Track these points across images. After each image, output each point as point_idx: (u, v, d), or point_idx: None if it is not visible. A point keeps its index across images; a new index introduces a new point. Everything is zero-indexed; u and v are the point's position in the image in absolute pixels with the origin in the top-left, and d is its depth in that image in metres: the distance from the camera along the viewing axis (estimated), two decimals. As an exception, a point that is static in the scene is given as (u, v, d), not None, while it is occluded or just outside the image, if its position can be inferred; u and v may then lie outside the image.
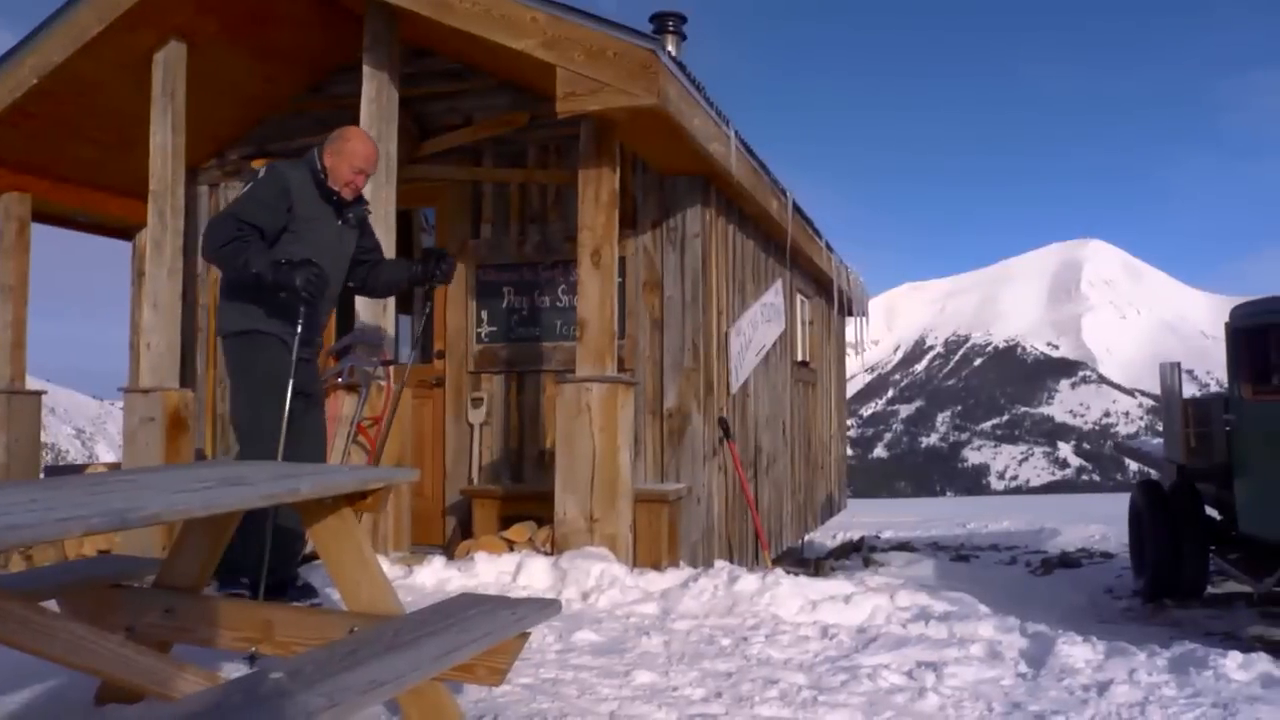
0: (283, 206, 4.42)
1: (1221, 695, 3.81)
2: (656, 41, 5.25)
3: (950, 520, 16.29)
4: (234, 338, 4.57)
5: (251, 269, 4.21)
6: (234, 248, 4.25)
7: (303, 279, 4.20)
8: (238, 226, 4.29)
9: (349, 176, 4.59)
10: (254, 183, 4.47)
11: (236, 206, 4.41)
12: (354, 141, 4.64)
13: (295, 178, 4.50)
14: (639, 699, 3.66)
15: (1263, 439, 7.06)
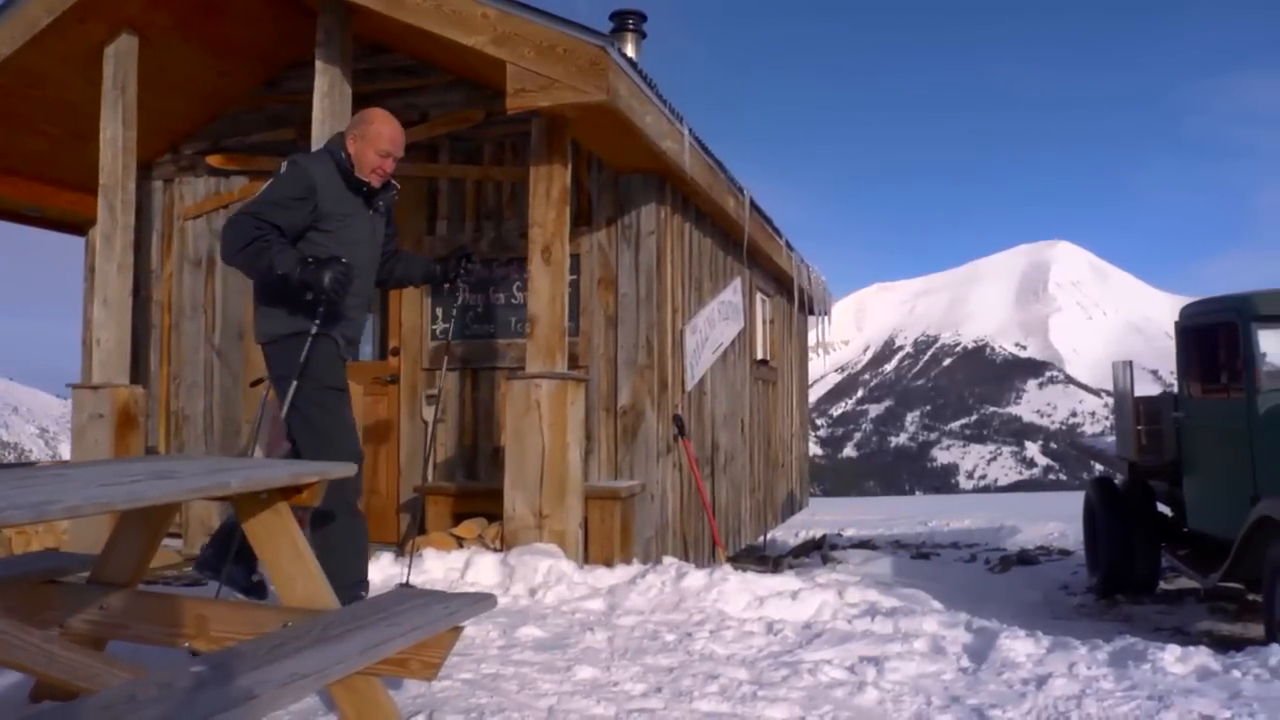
0: (306, 207, 4.15)
1: (1158, 687, 3.86)
2: (606, 38, 5.25)
3: (912, 518, 16.39)
4: (281, 342, 4.28)
5: (276, 270, 3.97)
6: (255, 249, 4.00)
7: (331, 277, 3.97)
8: (256, 226, 4.02)
9: (376, 162, 4.33)
10: (274, 180, 4.19)
11: (255, 205, 4.12)
12: (377, 124, 4.37)
13: (319, 172, 4.22)
14: (578, 694, 3.67)
15: (1210, 436, 7.14)
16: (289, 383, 4.26)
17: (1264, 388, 6.50)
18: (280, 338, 4.27)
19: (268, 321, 4.31)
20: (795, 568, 9.95)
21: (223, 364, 7.88)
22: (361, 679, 2.98)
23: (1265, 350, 6.66)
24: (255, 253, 4.00)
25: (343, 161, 4.29)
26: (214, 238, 7.97)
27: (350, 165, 4.29)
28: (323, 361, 4.24)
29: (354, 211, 4.33)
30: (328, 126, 6.17)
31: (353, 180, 4.30)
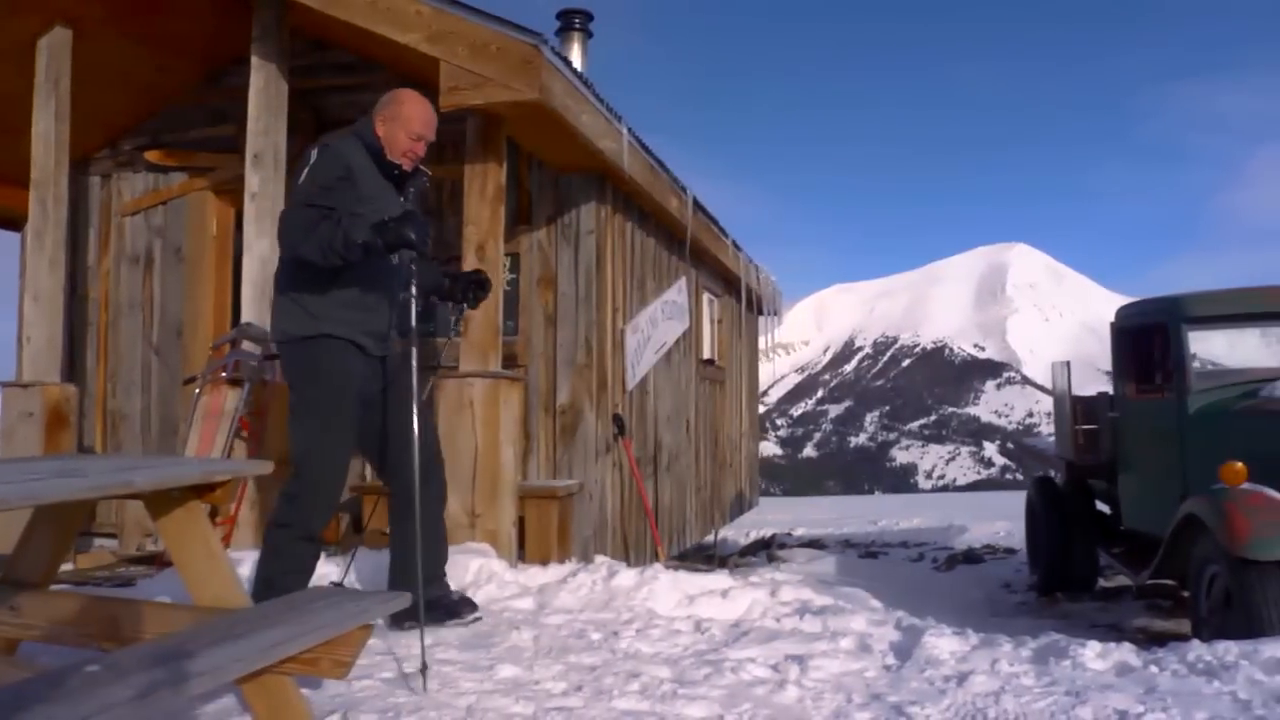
0: (346, 189, 3.97)
1: (1076, 683, 3.90)
2: (539, 37, 5.25)
3: (862, 518, 16.49)
4: (294, 344, 4.10)
5: (358, 239, 3.74)
6: (326, 231, 3.78)
7: (416, 231, 3.79)
8: (316, 211, 3.84)
9: (408, 145, 4.14)
10: (308, 169, 3.97)
11: (302, 194, 3.93)
12: (409, 104, 4.18)
13: (352, 156, 4.04)
14: (498, 692, 3.66)
15: (1143, 436, 7.23)
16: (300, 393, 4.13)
17: (1193, 388, 6.59)
18: (294, 339, 4.09)
19: (286, 319, 4.12)
20: (741, 567, 9.97)
21: (161, 363, 7.80)
22: (273, 678, 2.96)
23: (1195, 351, 6.76)
24: (327, 234, 3.77)
25: (372, 144, 4.12)
26: (152, 234, 7.90)
27: (380, 148, 4.13)
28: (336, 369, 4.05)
29: (384, 195, 4.15)
30: (263, 123, 6.14)
31: (384, 163, 4.14)
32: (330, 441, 4.11)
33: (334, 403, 4.08)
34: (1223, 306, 6.86)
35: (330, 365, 4.05)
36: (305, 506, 4.09)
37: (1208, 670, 4.04)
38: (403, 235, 3.78)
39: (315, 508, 4.12)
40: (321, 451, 4.10)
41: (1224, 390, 6.58)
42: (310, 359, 4.06)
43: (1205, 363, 6.88)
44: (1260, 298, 6.83)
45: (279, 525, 4.11)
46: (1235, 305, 6.87)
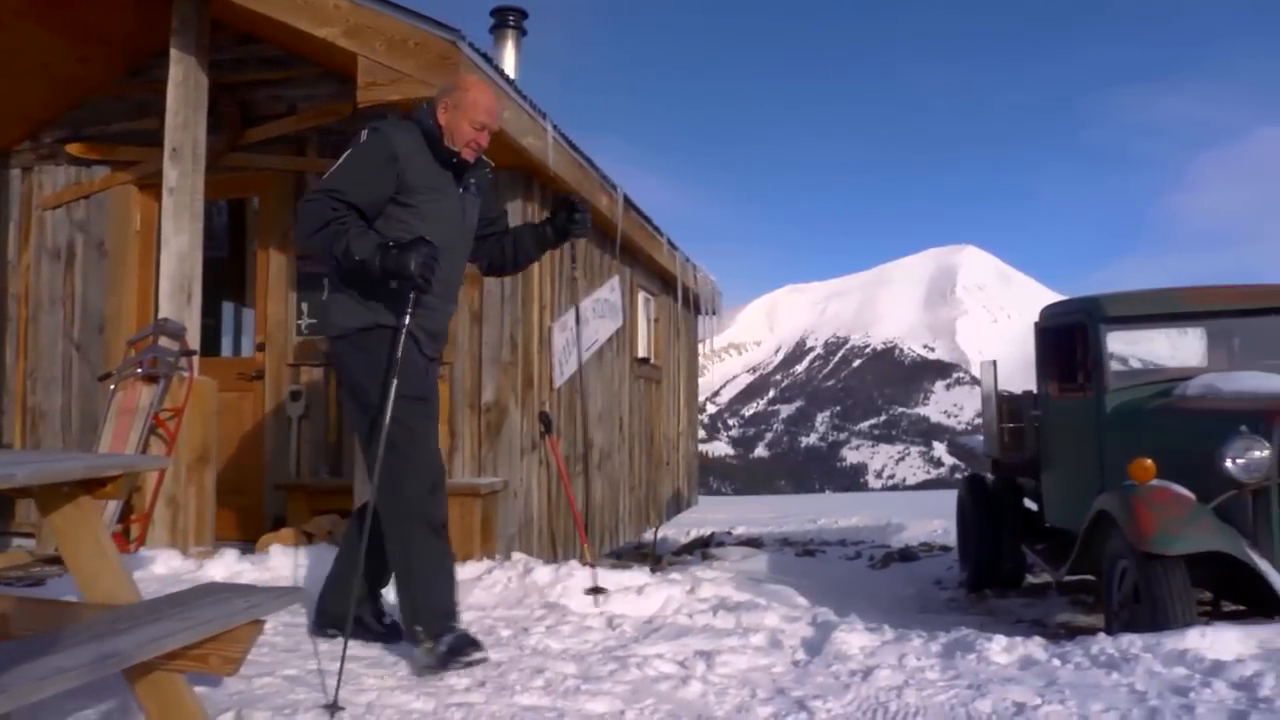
0: (388, 178, 3.77)
1: (980, 677, 3.95)
2: (457, 33, 5.24)
3: (802, 516, 16.59)
4: (352, 337, 3.89)
5: (355, 255, 3.57)
6: (332, 232, 3.62)
7: (418, 263, 3.55)
8: (332, 207, 3.66)
9: (471, 134, 3.92)
10: (352, 149, 3.80)
11: (331, 180, 3.74)
12: (473, 91, 3.96)
13: (404, 140, 3.83)
14: (400, 689, 3.65)
15: (1064, 434, 7.34)
16: (361, 388, 3.88)
17: (1111, 387, 6.70)
18: (351, 331, 3.88)
19: (340, 312, 3.92)
20: (675, 565, 10.00)
21: (82, 359, 7.68)
22: (164, 676, 2.94)
23: (1114, 351, 6.87)
24: (332, 235, 3.63)
25: (432, 131, 3.91)
26: (74, 228, 7.78)
27: (440, 136, 3.91)
28: (403, 364, 3.78)
29: (442, 187, 3.93)
30: (182, 117, 6.07)
31: (442, 152, 3.92)
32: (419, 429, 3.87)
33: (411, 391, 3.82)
34: (1139, 307, 6.98)
35: (390, 354, 3.79)
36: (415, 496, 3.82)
37: (1109, 663, 4.12)
38: (402, 265, 3.55)
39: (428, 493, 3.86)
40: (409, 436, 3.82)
41: (1140, 389, 6.69)
42: (371, 350, 3.84)
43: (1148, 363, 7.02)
44: (1175, 298, 6.96)
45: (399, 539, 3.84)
46: (1151, 306, 7.00)
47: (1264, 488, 5.18)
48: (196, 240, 6.05)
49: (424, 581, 3.82)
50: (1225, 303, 6.86)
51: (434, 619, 3.80)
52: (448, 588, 3.91)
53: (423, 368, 3.97)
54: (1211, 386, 6.18)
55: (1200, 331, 7.41)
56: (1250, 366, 6.62)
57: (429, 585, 3.84)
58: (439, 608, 3.84)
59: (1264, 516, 5.20)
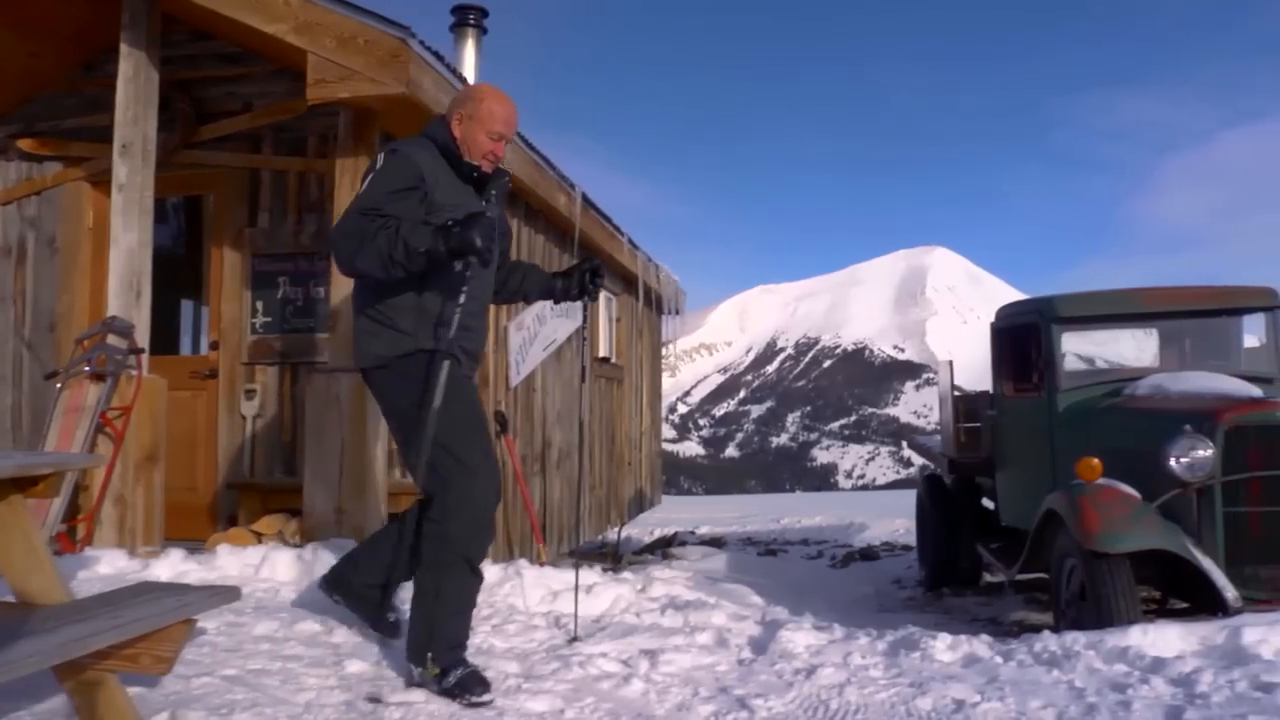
0: (415, 199, 3.60)
1: (922, 675, 3.98)
2: (407, 30, 5.22)
3: (766, 516, 16.66)
4: (393, 365, 3.71)
5: (418, 249, 3.38)
6: (384, 239, 3.41)
7: (483, 235, 3.39)
8: (371, 219, 3.48)
9: (488, 145, 3.79)
10: (373, 176, 3.62)
11: (361, 201, 3.56)
12: (489, 101, 3.81)
13: (425, 161, 3.68)
14: (340, 688, 3.64)
15: (1018, 433, 7.40)
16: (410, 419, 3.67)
17: (1063, 386, 6.76)
18: (391, 360, 3.70)
19: (376, 341, 3.74)
20: (635, 564, 10.03)
21: (33, 357, 7.59)
22: (96, 675, 2.92)
23: (1066, 351, 6.94)
24: (386, 243, 3.40)
25: (448, 145, 3.77)
26: (25, 225, 7.69)
27: (456, 150, 3.78)
28: (449, 385, 3.62)
29: (465, 203, 3.75)
30: (132, 112, 6.01)
31: (462, 166, 3.78)
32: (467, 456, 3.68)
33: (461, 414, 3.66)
34: (1091, 308, 7.05)
35: (441, 378, 3.63)
36: (459, 537, 3.66)
37: (1051, 660, 4.16)
38: (467, 240, 3.38)
39: (471, 535, 3.70)
40: (460, 469, 3.66)
41: (1092, 389, 6.76)
42: (415, 375, 3.66)
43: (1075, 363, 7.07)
44: (1127, 299, 7.03)
45: (434, 565, 3.71)
46: (1103, 307, 7.07)
47: (1208, 486, 5.25)
48: (146, 237, 6.00)
49: (449, 615, 3.70)
50: (1175, 304, 6.93)
51: (449, 650, 3.67)
52: (467, 621, 3.81)
53: (472, 390, 3.85)
54: (1160, 387, 6.26)
55: (1153, 332, 7.49)
56: (1200, 366, 6.70)
57: (452, 619, 3.72)
58: (457, 640, 3.73)
59: (1208, 515, 5.27)
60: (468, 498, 3.65)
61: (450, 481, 3.63)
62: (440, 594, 3.68)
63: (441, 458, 3.61)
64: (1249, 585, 5.13)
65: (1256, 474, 5.22)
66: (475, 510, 3.68)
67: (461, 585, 3.72)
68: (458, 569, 3.69)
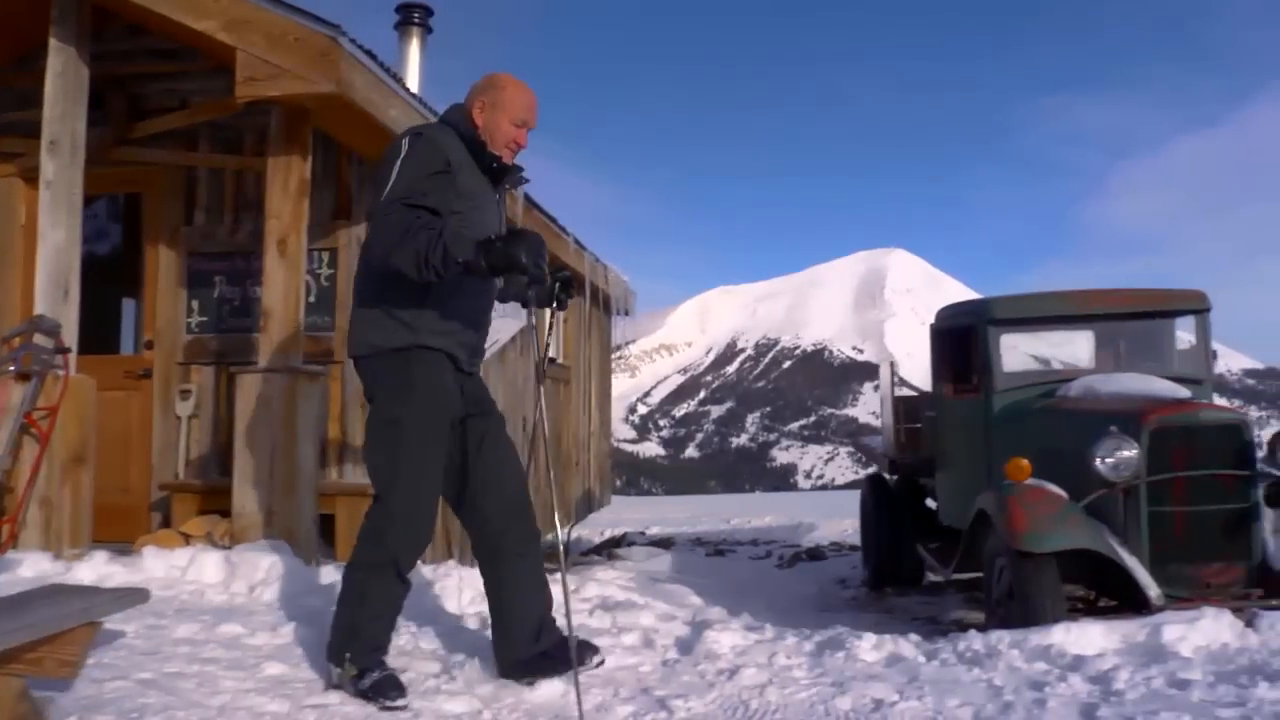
0: (448, 183, 3.47)
1: (844, 674, 4.00)
2: (337, 29, 5.18)
3: (716, 516, 16.69)
4: (384, 357, 3.60)
5: (457, 258, 3.22)
6: (425, 239, 3.25)
7: (530, 252, 3.25)
8: (414, 214, 3.33)
9: (512, 133, 3.68)
10: (401, 162, 3.44)
11: (397, 190, 3.39)
12: (510, 89, 3.70)
13: (450, 146, 3.55)
14: (257, 691, 3.61)
15: (957, 434, 7.44)
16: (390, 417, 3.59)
17: (999, 388, 6.81)
18: (384, 351, 3.60)
19: (372, 331, 3.63)
20: (580, 565, 10.00)
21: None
22: (0, 680, 2.88)
23: (1003, 352, 6.99)
24: (425, 245, 3.25)
25: (469, 133, 3.64)
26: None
27: (478, 138, 3.65)
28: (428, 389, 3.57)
29: (483, 193, 3.68)
30: (60, 108, 5.94)
31: (482, 156, 3.65)
32: (423, 467, 3.62)
33: (427, 422, 3.59)
34: (1027, 309, 7.11)
35: (425, 380, 3.57)
36: (395, 542, 3.61)
37: (974, 659, 4.20)
38: (512, 257, 3.23)
39: (407, 542, 3.64)
40: (412, 478, 3.60)
41: (1027, 390, 6.82)
42: (402, 373, 3.56)
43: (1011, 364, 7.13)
44: (1061, 301, 7.10)
45: (363, 566, 3.64)
46: (1038, 308, 7.13)
47: (1134, 486, 5.32)
48: (75, 235, 5.92)
49: (371, 618, 3.65)
50: (1108, 306, 7.01)
51: (368, 651, 3.62)
52: (390, 625, 3.76)
53: (456, 393, 3.72)
54: (1091, 388, 6.33)
55: (1090, 334, 7.57)
56: (1135, 368, 6.78)
57: (374, 622, 3.67)
58: (376, 643, 3.68)
59: (1134, 514, 5.34)
60: (412, 506, 3.61)
61: (396, 486, 3.59)
62: (366, 597, 3.64)
63: (392, 461, 3.58)
64: (1173, 583, 5.19)
65: (1180, 474, 5.28)
66: (417, 519, 3.63)
67: (388, 590, 3.67)
68: (387, 574, 3.63)
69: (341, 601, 3.70)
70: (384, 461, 3.62)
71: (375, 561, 3.62)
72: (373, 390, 3.69)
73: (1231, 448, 5.32)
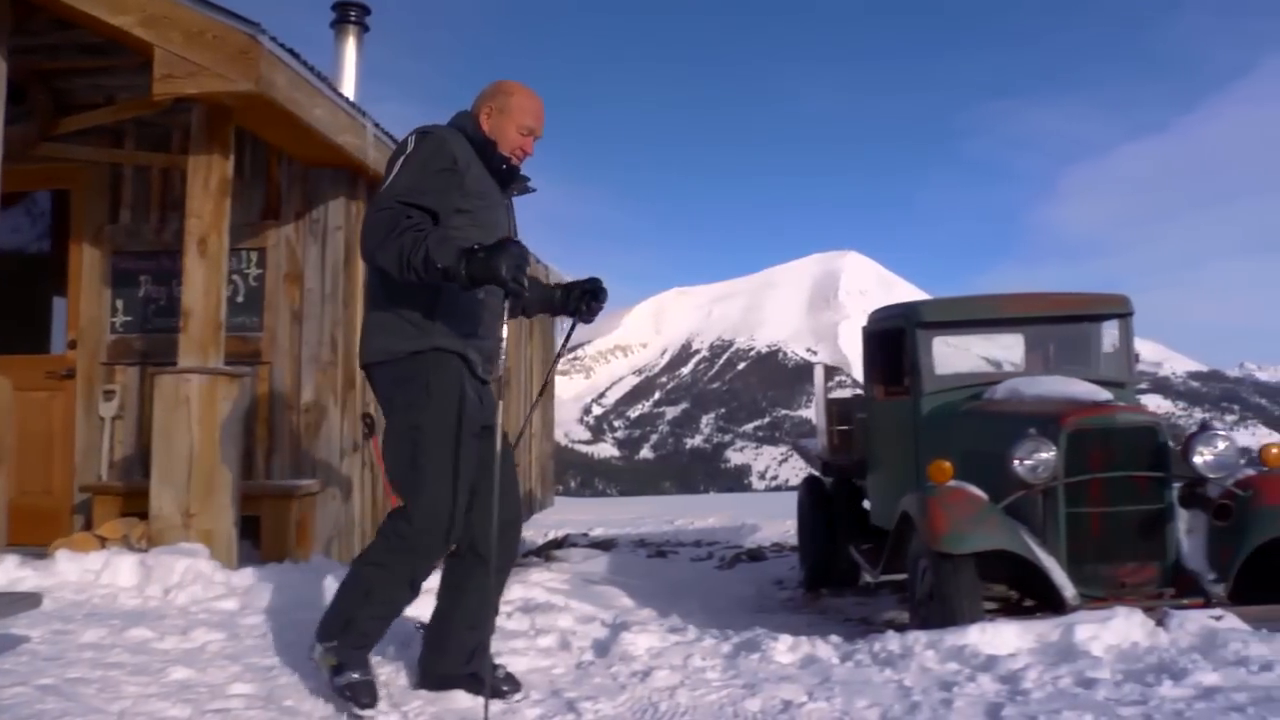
0: (453, 182, 3.42)
1: (757, 676, 4.02)
2: (257, 27, 5.13)
3: (660, 517, 16.68)
4: (402, 363, 3.49)
5: (438, 263, 3.14)
6: (409, 240, 3.18)
7: (510, 265, 3.13)
8: (406, 214, 3.26)
9: (517, 141, 3.64)
10: (405, 158, 3.40)
11: (395, 188, 3.34)
12: (518, 95, 3.66)
13: (458, 145, 3.49)
14: (159, 696, 3.56)
15: (887, 436, 7.50)
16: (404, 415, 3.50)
17: (927, 390, 6.87)
18: (398, 356, 3.49)
19: (384, 335, 3.53)
20: (517, 567, 9.97)
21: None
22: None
23: (931, 354, 7.04)
24: (410, 244, 3.18)
25: (477, 137, 3.59)
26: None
27: (486, 143, 3.60)
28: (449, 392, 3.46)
29: (490, 195, 3.61)
30: (-21, 105, 5.83)
31: (495, 159, 3.61)
32: (446, 474, 3.48)
33: (448, 427, 3.46)
34: (954, 313, 7.17)
35: (442, 385, 3.46)
36: (413, 551, 3.50)
37: (888, 660, 4.23)
38: (492, 269, 3.13)
39: (424, 551, 3.52)
40: (436, 486, 3.46)
41: (955, 392, 6.88)
42: (419, 378, 3.46)
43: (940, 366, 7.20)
44: (989, 305, 7.18)
45: (375, 564, 3.54)
46: (966, 312, 7.20)
47: (1052, 488, 5.38)
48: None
49: (370, 617, 3.55)
50: (1033, 310, 7.09)
51: (355, 651, 3.54)
52: (385, 627, 3.65)
53: (475, 401, 3.60)
54: (1016, 390, 6.39)
55: (1020, 338, 7.65)
56: (1062, 371, 6.86)
57: (372, 621, 3.56)
58: (366, 644, 3.59)
59: (1052, 515, 5.39)
60: (436, 514, 3.48)
61: (420, 493, 3.47)
62: (371, 595, 3.53)
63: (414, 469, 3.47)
64: (1089, 583, 5.26)
65: (1096, 475, 5.34)
66: (438, 528, 3.50)
67: (395, 594, 3.57)
68: (399, 579, 3.53)
69: (344, 590, 3.59)
70: (407, 469, 3.50)
71: (387, 564, 3.52)
72: (389, 399, 3.58)
73: (1147, 449, 5.39)
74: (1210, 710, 3.38)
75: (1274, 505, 5.17)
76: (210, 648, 4.18)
